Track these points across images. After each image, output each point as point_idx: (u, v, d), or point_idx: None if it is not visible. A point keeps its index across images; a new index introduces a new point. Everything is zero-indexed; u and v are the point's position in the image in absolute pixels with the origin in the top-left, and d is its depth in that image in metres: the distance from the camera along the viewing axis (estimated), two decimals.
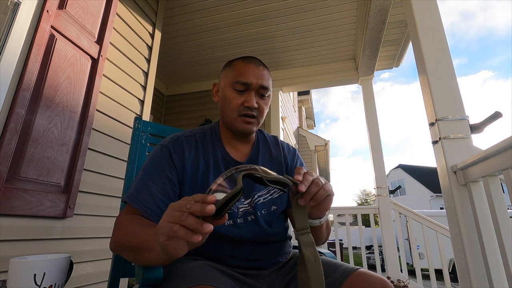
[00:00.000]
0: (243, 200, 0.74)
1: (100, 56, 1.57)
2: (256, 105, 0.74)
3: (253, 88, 0.75)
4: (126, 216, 0.65)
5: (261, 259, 0.71)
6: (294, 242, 0.85)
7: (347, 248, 3.15)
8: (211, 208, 0.40)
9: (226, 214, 0.45)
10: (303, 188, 0.53)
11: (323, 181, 0.57)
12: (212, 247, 0.68)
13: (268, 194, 0.76)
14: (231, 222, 0.70)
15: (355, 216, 3.34)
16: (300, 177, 0.54)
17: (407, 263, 4.78)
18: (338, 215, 3.31)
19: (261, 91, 0.76)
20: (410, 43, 1.50)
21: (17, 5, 1.19)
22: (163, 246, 0.45)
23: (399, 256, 2.91)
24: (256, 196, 0.75)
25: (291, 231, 0.82)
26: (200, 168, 0.73)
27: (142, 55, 2.08)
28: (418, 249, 3.08)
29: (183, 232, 0.41)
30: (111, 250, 0.64)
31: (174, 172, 0.70)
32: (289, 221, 0.83)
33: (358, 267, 0.63)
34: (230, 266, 0.67)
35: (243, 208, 0.73)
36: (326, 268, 0.66)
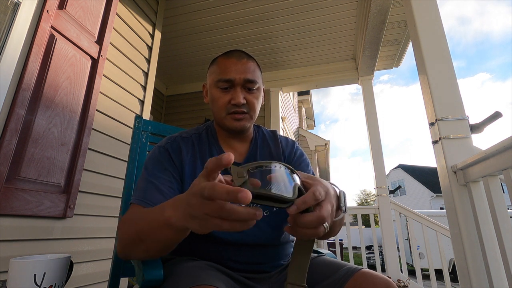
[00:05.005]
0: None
1: (100, 56, 1.57)
2: (243, 101, 0.71)
3: (237, 83, 0.71)
4: (127, 214, 0.63)
5: (262, 263, 0.70)
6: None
7: (347, 248, 3.14)
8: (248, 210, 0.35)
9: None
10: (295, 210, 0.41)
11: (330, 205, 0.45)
12: (212, 251, 0.67)
13: None
14: None
15: (355, 216, 3.33)
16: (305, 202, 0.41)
17: (407, 263, 4.78)
18: None
19: (248, 85, 0.72)
20: (410, 43, 1.50)
21: (17, 5, 1.19)
22: (196, 230, 0.40)
23: (399, 256, 2.91)
24: None
25: None
26: (198, 170, 0.71)
27: (142, 55, 2.08)
28: (418, 249, 3.08)
29: (228, 225, 0.37)
30: (121, 256, 0.59)
31: (176, 171, 0.69)
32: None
33: (361, 267, 0.63)
34: (231, 270, 0.66)
35: None
36: (329, 268, 0.66)
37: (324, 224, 0.43)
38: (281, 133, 3.96)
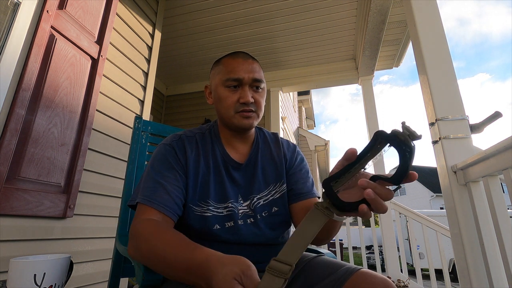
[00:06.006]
0: (241, 201, 0.73)
1: (100, 56, 1.57)
2: (252, 100, 0.72)
3: (245, 82, 0.72)
4: (152, 222, 0.60)
5: (262, 262, 0.70)
6: None
7: (347, 248, 3.14)
8: None
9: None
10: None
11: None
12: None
13: (269, 195, 0.75)
14: (232, 224, 0.70)
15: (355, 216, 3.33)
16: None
17: (407, 263, 4.77)
18: None
19: (255, 84, 0.74)
20: (410, 43, 1.50)
21: (17, 5, 1.19)
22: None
23: (399, 256, 2.91)
24: (255, 199, 0.74)
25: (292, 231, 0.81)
26: (201, 170, 0.72)
27: (142, 55, 2.08)
28: (418, 249, 3.08)
29: None
30: (132, 257, 0.58)
31: (182, 168, 0.70)
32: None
33: (360, 267, 0.63)
34: None
35: (243, 210, 0.72)
36: (328, 267, 0.66)
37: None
38: (281, 133, 3.95)
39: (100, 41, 1.59)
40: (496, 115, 1.01)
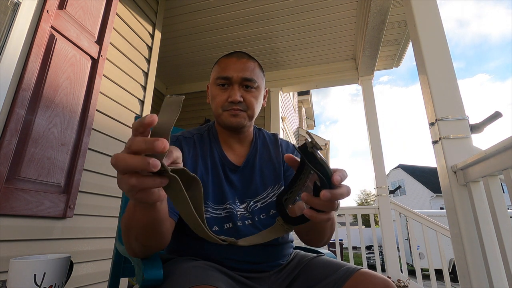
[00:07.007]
0: (238, 203, 0.73)
1: (100, 56, 1.57)
2: (240, 99, 0.72)
3: (235, 81, 0.73)
4: None
5: (261, 262, 0.70)
6: (295, 243, 0.85)
7: (347, 248, 3.15)
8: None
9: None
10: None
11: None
12: (212, 251, 0.67)
13: (267, 198, 0.75)
14: (231, 226, 0.70)
15: (355, 216, 3.33)
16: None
17: (407, 263, 4.77)
18: (338, 215, 3.31)
19: (246, 83, 0.73)
20: (410, 43, 1.50)
21: (17, 5, 1.19)
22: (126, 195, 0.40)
23: (399, 256, 2.91)
24: (251, 203, 0.74)
25: (292, 232, 0.81)
26: (199, 171, 0.72)
27: (142, 55, 2.08)
28: (418, 249, 3.08)
29: (134, 180, 0.36)
30: (129, 252, 0.58)
31: None
32: None
33: (360, 267, 0.63)
34: (231, 269, 0.67)
35: (240, 212, 0.72)
36: (328, 267, 0.66)
37: (337, 201, 0.46)
38: (281, 133, 3.95)
39: (100, 41, 1.59)
40: (496, 115, 1.01)
